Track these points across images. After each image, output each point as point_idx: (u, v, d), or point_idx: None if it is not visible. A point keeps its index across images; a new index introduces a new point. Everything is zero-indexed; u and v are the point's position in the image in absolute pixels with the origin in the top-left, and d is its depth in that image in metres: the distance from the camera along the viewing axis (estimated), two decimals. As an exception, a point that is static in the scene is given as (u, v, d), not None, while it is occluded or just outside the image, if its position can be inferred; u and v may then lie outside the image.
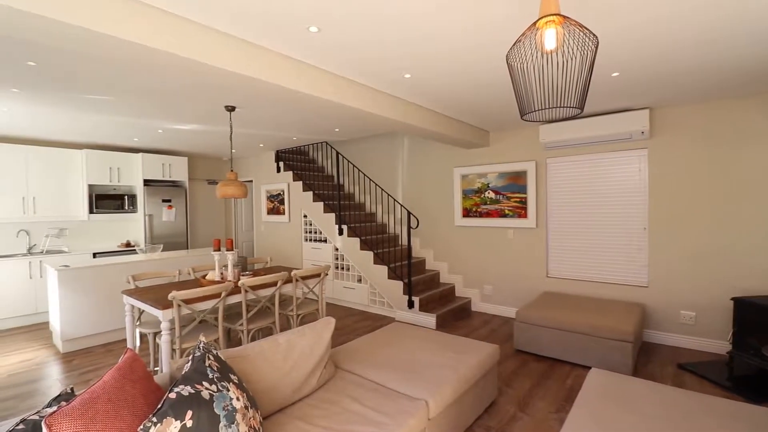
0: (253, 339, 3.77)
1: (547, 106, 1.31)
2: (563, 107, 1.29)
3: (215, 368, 1.54)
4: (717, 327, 3.58)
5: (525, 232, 4.69)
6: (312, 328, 2.28)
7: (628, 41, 2.28)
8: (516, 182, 4.72)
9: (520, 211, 4.70)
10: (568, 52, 1.29)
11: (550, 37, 1.37)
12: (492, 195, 4.92)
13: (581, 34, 1.25)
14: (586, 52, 1.25)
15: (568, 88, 1.30)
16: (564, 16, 1.33)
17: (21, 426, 1.20)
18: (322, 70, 2.74)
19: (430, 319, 4.42)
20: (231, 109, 3.81)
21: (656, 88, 3.21)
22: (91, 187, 5.70)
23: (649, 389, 2.06)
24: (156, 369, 3.16)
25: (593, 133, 3.92)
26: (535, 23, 1.39)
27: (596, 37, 1.24)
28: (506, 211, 4.81)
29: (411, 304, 4.56)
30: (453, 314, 4.74)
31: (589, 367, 3.32)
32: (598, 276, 4.22)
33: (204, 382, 1.43)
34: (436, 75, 2.87)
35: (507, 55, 1.45)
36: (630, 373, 3.11)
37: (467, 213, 5.14)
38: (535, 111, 1.35)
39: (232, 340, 3.78)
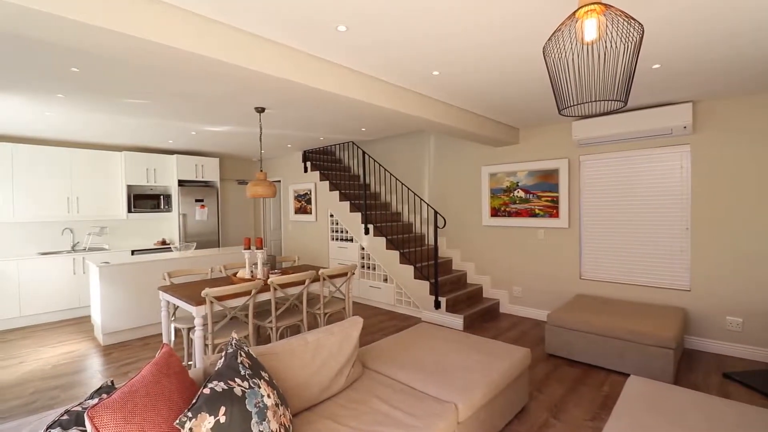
0: (281, 336, 3.83)
1: (588, 100, 1.24)
2: (606, 100, 1.22)
3: (246, 365, 1.56)
4: (766, 334, 3.35)
5: (557, 232, 4.54)
6: (340, 326, 2.28)
7: (668, 31, 2.15)
8: (547, 181, 4.57)
9: (552, 210, 4.55)
10: (611, 42, 1.22)
11: (590, 28, 1.30)
12: (522, 194, 4.79)
13: (625, 22, 1.18)
14: (630, 43, 1.18)
15: (611, 81, 1.23)
16: (606, 5, 1.26)
17: (65, 416, 1.25)
18: (350, 70, 2.74)
19: (457, 320, 4.35)
20: (261, 110, 3.88)
21: (700, 81, 3.02)
22: (129, 187, 5.97)
23: (693, 399, 1.94)
24: (189, 363, 3.26)
25: (631, 129, 3.74)
26: (574, 13, 1.32)
27: (642, 25, 1.16)
28: (536, 211, 4.67)
29: (438, 305, 4.50)
30: (481, 315, 4.65)
31: (627, 374, 3.17)
32: (635, 279, 4.02)
33: (236, 379, 1.45)
34: (464, 71, 2.81)
35: (544, 48, 1.39)
36: (671, 382, 2.94)
37: (495, 212, 5.03)
38: (574, 105, 1.29)
39: (262, 336, 3.86)
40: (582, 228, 4.37)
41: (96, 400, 1.34)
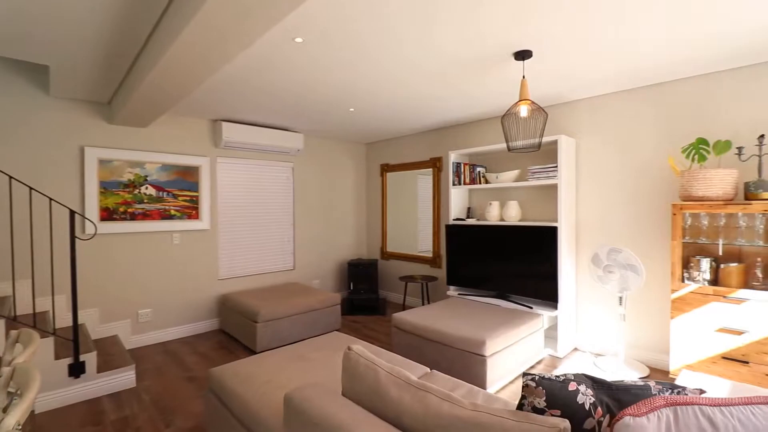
0: None
1: (521, 139, 2.53)
2: (530, 142, 2.56)
3: None
4: (338, 283, 5.43)
5: (196, 234, 4.15)
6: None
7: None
8: (186, 178, 4.05)
9: (191, 211, 4.09)
10: (532, 117, 2.60)
11: (524, 110, 2.60)
12: (152, 191, 3.83)
13: (538, 109, 2.60)
14: (540, 118, 2.61)
15: (531, 133, 2.57)
16: (531, 101, 2.64)
17: None
18: None
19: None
20: None
21: (307, 122, 4.46)
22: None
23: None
24: None
25: (269, 142, 4.47)
26: (517, 103, 2.55)
27: (546, 112, 2.61)
28: (172, 212, 3.96)
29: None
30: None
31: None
32: (262, 267, 4.73)
33: None
34: None
35: (501, 118, 2.48)
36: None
37: (110, 215, 3.58)
38: (516, 144, 2.54)
39: None
40: (219, 228, 4.35)
41: None
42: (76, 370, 2.61)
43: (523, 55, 2.45)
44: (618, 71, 2.84)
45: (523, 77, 2.56)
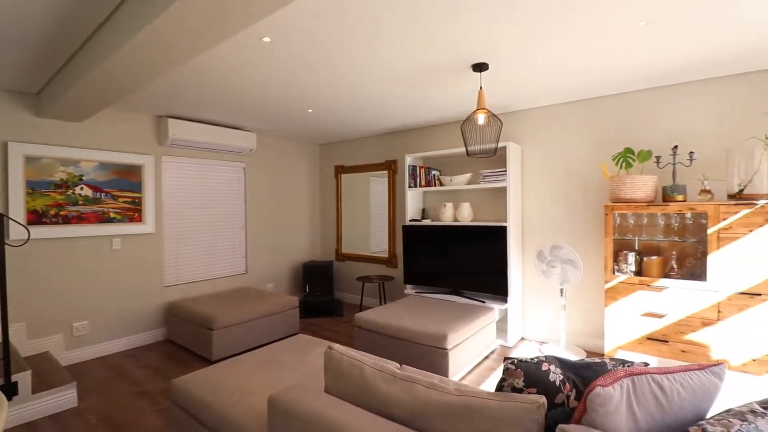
0: None
1: (477, 144, 2.72)
2: (486, 147, 2.75)
3: None
4: (293, 285, 5.30)
5: (139, 239, 3.85)
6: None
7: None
8: (127, 178, 3.75)
9: (133, 214, 3.79)
10: (488, 124, 2.79)
11: (482, 118, 2.80)
12: (89, 192, 3.49)
13: (493, 117, 2.80)
14: (495, 125, 2.81)
15: (489, 140, 2.77)
16: (487, 110, 2.85)
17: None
18: None
19: None
20: None
21: (259, 123, 4.40)
22: None
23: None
24: None
25: (219, 141, 4.29)
26: (475, 111, 2.74)
27: (501, 121, 2.80)
28: (112, 215, 3.65)
29: None
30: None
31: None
32: (212, 273, 4.51)
33: None
34: None
35: (461, 125, 2.66)
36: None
37: (39, 218, 3.21)
38: (475, 149, 2.72)
39: None
40: (165, 232, 4.08)
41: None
42: (8, 392, 2.32)
43: (480, 67, 2.64)
44: (561, 86, 3.15)
45: (480, 88, 2.76)
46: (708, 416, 1.15)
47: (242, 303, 3.79)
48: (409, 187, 4.36)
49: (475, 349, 3.22)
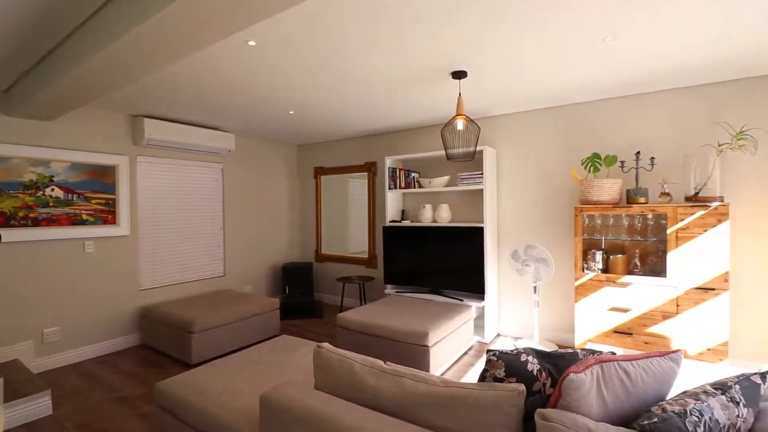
0: None
1: (456, 148, 2.83)
2: (466, 151, 2.85)
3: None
4: (272, 287, 5.26)
5: (113, 242, 3.75)
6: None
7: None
8: (101, 179, 3.64)
9: (107, 216, 3.69)
10: (465, 129, 2.91)
11: (460, 123, 2.91)
12: (60, 194, 3.38)
13: (471, 123, 2.91)
14: (473, 131, 2.93)
15: (467, 144, 2.89)
16: (466, 116, 2.96)
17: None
18: None
19: None
20: None
21: (239, 124, 4.40)
22: None
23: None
24: None
25: (196, 141, 4.22)
26: (454, 117, 2.85)
27: (478, 126, 2.92)
28: (84, 217, 3.54)
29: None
30: None
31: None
32: (188, 276, 4.43)
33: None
34: None
35: (441, 130, 2.77)
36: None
37: (7, 221, 3.08)
38: (455, 153, 2.83)
39: None
40: (141, 234, 3.98)
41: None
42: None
43: (459, 74, 2.75)
44: (534, 93, 3.31)
45: (459, 94, 2.87)
46: (668, 397, 1.28)
47: (221, 305, 3.76)
48: (389, 188, 4.44)
49: (454, 345, 3.33)
